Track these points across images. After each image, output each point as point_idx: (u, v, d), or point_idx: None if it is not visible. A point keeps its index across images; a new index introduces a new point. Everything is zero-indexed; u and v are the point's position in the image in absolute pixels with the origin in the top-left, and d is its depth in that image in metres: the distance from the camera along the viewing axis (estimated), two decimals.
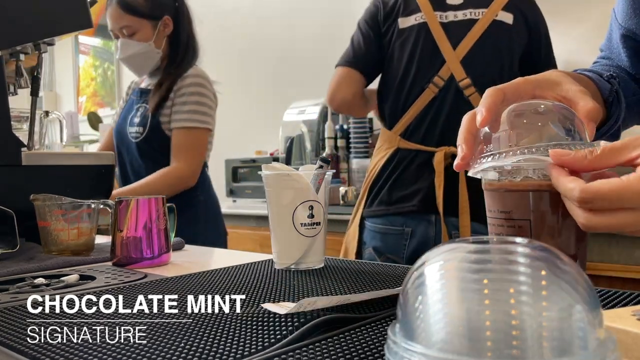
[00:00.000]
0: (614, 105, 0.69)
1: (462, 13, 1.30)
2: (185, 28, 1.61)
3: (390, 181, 1.32)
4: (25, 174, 1.02)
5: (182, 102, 1.51)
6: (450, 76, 1.27)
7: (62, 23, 1.06)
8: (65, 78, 4.62)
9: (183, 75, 1.55)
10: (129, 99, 1.70)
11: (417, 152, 1.29)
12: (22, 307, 0.55)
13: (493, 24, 1.28)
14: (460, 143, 0.50)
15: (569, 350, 0.24)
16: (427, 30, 1.31)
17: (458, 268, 0.28)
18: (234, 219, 2.23)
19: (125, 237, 0.80)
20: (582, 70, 0.74)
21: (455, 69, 1.27)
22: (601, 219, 0.41)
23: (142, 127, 1.56)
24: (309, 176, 0.73)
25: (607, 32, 0.82)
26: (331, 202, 2.03)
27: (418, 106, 1.29)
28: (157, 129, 1.54)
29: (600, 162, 0.43)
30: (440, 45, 1.29)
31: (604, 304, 0.51)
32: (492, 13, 1.28)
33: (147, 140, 1.55)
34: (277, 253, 0.75)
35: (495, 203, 0.50)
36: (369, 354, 0.39)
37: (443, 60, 1.28)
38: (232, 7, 3.08)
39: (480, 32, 1.28)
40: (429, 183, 1.25)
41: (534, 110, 0.49)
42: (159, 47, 1.57)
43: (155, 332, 0.45)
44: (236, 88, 3.08)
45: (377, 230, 1.34)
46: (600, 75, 0.71)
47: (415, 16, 1.33)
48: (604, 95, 0.69)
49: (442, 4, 1.32)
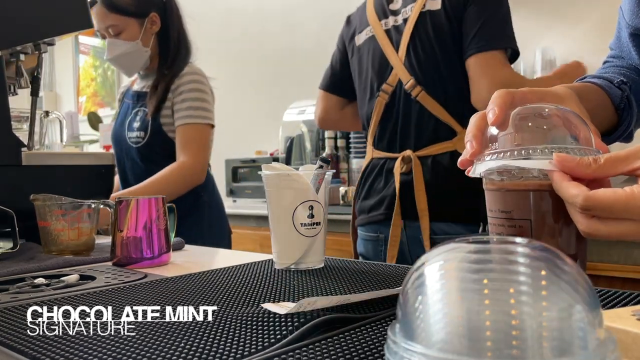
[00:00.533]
0: (625, 111, 0.70)
1: (401, 16, 1.30)
2: (175, 25, 1.57)
3: (364, 191, 1.36)
4: (25, 174, 1.02)
5: (182, 99, 1.50)
6: (398, 81, 1.28)
7: (62, 23, 1.07)
8: (65, 78, 4.62)
9: (179, 74, 1.53)
10: (124, 103, 1.67)
11: (386, 159, 1.31)
12: (22, 307, 0.55)
13: (421, 17, 1.25)
14: (470, 139, 0.50)
15: (569, 350, 0.24)
16: (375, 41, 1.33)
17: (458, 268, 0.28)
18: (234, 219, 2.23)
19: (125, 237, 0.80)
20: (592, 76, 0.74)
21: (400, 73, 1.27)
22: (603, 227, 0.42)
23: (143, 132, 1.53)
24: (309, 176, 0.73)
25: (616, 30, 0.82)
26: (331, 202, 2.03)
27: (376, 115, 1.32)
28: (158, 132, 1.52)
29: (603, 170, 0.43)
30: (386, 52, 1.30)
31: (604, 304, 0.51)
32: (420, 5, 1.25)
33: (149, 145, 1.53)
34: (277, 253, 0.75)
35: (495, 203, 0.50)
36: (368, 354, 0.39)
37: (392, 67, 1.29)
38: (232, 7, 3.08)
39: (410, 29, 1.26)
40: (393, 190, 1.26)
41: (539, 114, 0.49)
42: (146, 45, 1.54)
43: (156, 332, 0.45)
44: (236, 88, 3.08)
45: (362, 238, 1.38)
46: (611, 81, 0.71)
47: (366, 30, 1.37)
48: (615, 103, 0.69)
49: (384, 11, 1.34)
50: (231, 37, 3.10)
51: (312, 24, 2.72)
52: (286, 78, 2.84)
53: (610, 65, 0.81)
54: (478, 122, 0.50)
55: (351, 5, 2.63)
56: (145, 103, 1.56)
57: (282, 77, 2.86)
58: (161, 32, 1.56)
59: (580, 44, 1.91)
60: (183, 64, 1.56)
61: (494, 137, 0.49)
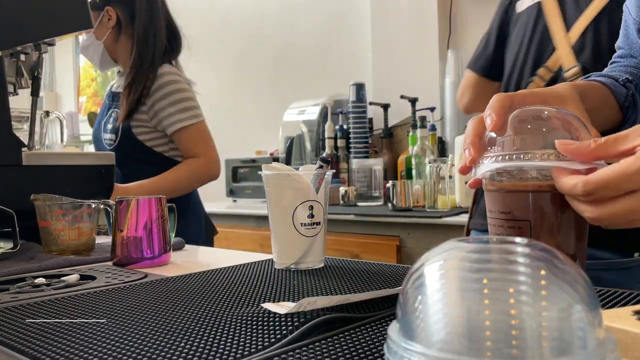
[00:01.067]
0: (630, 110, 0.70)
1: None
2: (142, 22, 1.50)
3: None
4: (26, 174, 1.02)
5: (166, 104, 1.45)
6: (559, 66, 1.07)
7: (62, 23, 1.07)
8: (66, 78, 4.62)
9: (155, 76, 1.47)
10: (104, 103, 1.64)
11: None
12: (22, 307, 0.55)
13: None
14: (468, 146, 0.50)
15: (568, 350, 0.24)
16: (539, 10, 1.10)
17: (458, 268, 0.28)
18: (234, 219, 2.23)
19: (126, 237, 0.80)
20: (597, 75, 0.73)
21: (564, 57, 1.05)
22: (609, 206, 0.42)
23: (114, 135, 1.49)
24: (309, 176, 0.73)
25: (622, 29, 0.81)
26: (331, 202, 2.03)
27: None
28: (128, 135, 1.47)
29: (604, 150, 0.43)
30: (552, 28, 1.07)
31: (604, 304, 0.51)
32: None
33: (120, 148, 1.48)
34: (277, 253, 0.75)
35: (495, 203, 0.50)
36: (368, 353, 0.39)
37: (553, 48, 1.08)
38: (232, 6, 3.08)
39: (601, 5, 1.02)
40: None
41: (538, 116, 0.49)
42: (99, 38, 1.51)
43: (156, 332, 0.45)
44: (236, 88, 3.08)
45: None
46: (617, 79, 0.71)
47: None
48: (620, 101, 0.69)
49: None
50: (231, 37, 3.10)
51: (312, 23, 2.72)
52: (286, 78, 2.84)
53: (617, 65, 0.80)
54: (476, 128, 0.51)
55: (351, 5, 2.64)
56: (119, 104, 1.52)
57: (282, 77, 2.87)
58: (128, 28, 1.52)
59: None
60: (155, 66, 1.48)
61: (493, 140, 0.49)
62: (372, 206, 1.99)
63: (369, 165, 2.07)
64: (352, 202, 2.02)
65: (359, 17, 2.53)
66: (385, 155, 2.24)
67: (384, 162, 2.15)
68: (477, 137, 0.50)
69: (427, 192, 1.74)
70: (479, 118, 0.51)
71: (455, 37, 2.23)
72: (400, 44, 2.31)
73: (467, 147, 0.50)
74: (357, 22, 2.54)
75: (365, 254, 1.76)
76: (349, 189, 2.03)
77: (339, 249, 1.80)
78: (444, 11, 2.22)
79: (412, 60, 2.28)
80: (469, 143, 0.50)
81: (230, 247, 2.15)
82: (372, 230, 1.77)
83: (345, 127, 2.28)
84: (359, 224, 1.80)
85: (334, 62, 2.61)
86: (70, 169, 1.08)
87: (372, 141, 2.34)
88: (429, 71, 2.23)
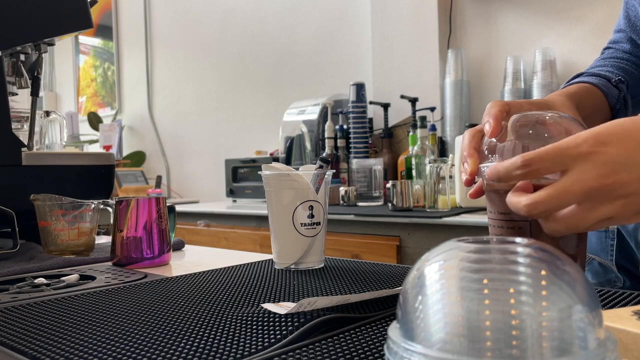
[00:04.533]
0: (621, 112, 0.70)
1: None
2: None
3: None
4: (25, 174, 1.02)
5: None
6: None
7: (62, 23, 1.06)
8: (65, 78, 4.62)
9: None
10: None
11: None
12: (22, 307, 0.55)
13: None
14: (465, 159, 0.50)
15: (568, 350, 0.24)
16: None
17: (458, 268, 0.28)
18: (234, 219, 2.23)
19: (126, 237, 0.80)
20: (590, 74, 0.74)
21: None
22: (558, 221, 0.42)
23: None
24: (309, 176, 0.73)
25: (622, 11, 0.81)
26: (331, 202, 2.03)
27: None
28: None
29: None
30: None
31: (604, 304, 0.51)
32: None
33: None
34: (277, 253, 0.75)
35: (495, 204, 0.50)
36: (368, 354, 0.39)
37: None
38: (232, 7, 3.08)
39: None
40: None
41: (540, 121, 0.49)
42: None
43: (156, 332, 0.45)
44: (236, 88, 3.08)
45: None
46: (609, 80, 0.71)
47: None
48: (611, 103, 0.70)
49: None
50: (231, 37, 3.10)
51: (312, 23, 2.72)
52: (286, 78, 2.84)
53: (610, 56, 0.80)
54: (472, 140, 0.51)
55: (351, 5, 2.63)
56: None
57: (282, 77, 2.87)
58: None
59: (580, 44, 1.91)
60: None
61: (493, 146, 0.49)
62: (372, 206, 1.98)
63: (369, 165, 2.07)
64: (352, 202, 2.02)
65: (359, 17, 2.52)
66: (385, 155, 2.24)
67: (384, 162, 2.15)
68: (474, 149, 0.51)
69: (427, 192, 1.74)
70: (474, 130, 0.52)
71: (455, 37, 2.23)
72: (400, 44, 2.30)
73: (464, 160, 0.51)
74: (357, 22, 2.53)
75: (365, 254, 1.75)
76: (349, 189, 2.03)
77: (339, 249, 1.80)
78: (444, 11, 2.22)
79: (412, 60, 2.28)
80: (466, 155, 0.51)
81: (230, 247, 2.15)
82: (372, 230, 1.77)
83: (345, 127, 2.28)
84: (359, 224, 1.80)
85: (334, 62, 2.61)
86: (70, 169, 1.08)
87: (372, 141, 2.34)
88: (429, 71, 2.23)
